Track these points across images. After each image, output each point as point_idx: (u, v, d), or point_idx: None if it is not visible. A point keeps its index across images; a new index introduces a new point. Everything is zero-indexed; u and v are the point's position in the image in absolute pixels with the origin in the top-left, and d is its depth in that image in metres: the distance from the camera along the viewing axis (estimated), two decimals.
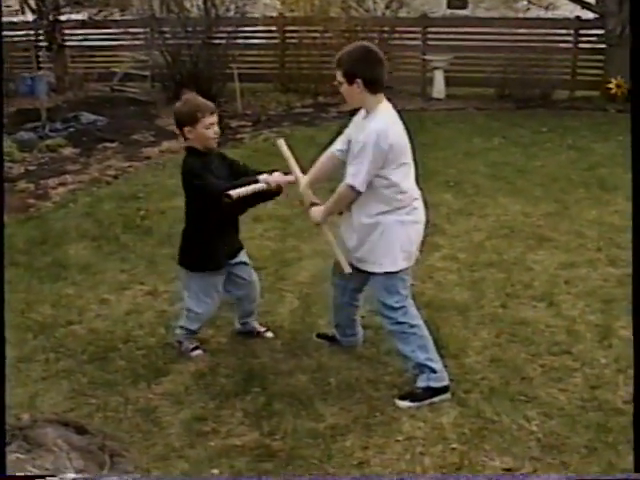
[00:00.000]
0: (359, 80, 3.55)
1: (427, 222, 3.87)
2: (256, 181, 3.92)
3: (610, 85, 12.06)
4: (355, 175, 3.57)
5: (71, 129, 10.35)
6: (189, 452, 3.34)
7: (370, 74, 3.57)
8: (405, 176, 3.67)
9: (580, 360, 4.10)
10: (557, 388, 3.83)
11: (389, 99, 3.69)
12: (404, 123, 3.69)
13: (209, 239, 4.03)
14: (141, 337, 4.41)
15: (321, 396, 3.75)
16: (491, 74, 12.74)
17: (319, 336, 4.36)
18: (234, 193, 3.78)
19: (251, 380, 3.89)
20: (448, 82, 13.06)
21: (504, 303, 4.82)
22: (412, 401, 3.70)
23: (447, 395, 3.73)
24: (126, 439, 3.39)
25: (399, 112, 3.68)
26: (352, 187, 3.58)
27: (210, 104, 3.97)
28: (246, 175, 4.04)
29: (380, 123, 3.57)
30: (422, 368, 3.73)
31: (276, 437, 3.43)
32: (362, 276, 3.86)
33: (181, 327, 4.22)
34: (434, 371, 3.73)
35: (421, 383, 3.74)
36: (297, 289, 5.05)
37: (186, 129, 3.92)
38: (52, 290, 5.09)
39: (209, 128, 3.92)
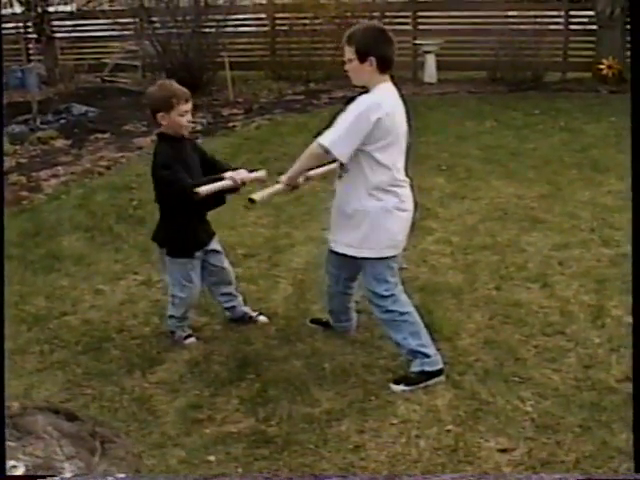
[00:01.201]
0: (372, 58, 3.56)
1: (420, 206, 3.88)
2: (222, 179, 3.90)
3: (601, 66, 12.05)
4: (328, 135, 3.54)
5: (62, 121, 10.33)
6: (185, 440, 3.34)
7: (383, 53, 3.59)
8: (393, 160, 3.64)
9: (574, 340, 4.11)
10: (551, 368, 3.84)
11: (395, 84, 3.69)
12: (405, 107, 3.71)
13: (181, 227, 4.02)
14: (135, 327, 4.42)
15: (316, 381, 3.76)
16: (482, 57, 12.74)
17: (313, 321, 4.36)
18: (202, 190, 3.76)
19: (246, 367, 3.90)
20: (439, 66, 13.04)
21: (498, 285, 4.82)
22: (407, 385, 3.70)
23: (441, 378, 3.74)
24: (122, 428, 3.40)
25: (402, 96, 3.69)
26: (321, 145, 3.53)
27: (186, 91, 3.91)
28: (215, 167, 4.07)
29: (375, 96, 3.57)
30: (415, 354, 3.73)
31: (272, 423, 3.44)
32: (355, 265, 3.86)
33: (170, 316, 4.23)
34: (427, 356, 3.73)
35: (415, 368, 3.74)
36: (291, 275, 5.05)
37: (159, 115, 3.87)
38: (46, 282, 5.08)
39: (183, 115, 3.88)
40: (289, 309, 4.57)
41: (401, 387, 3.69)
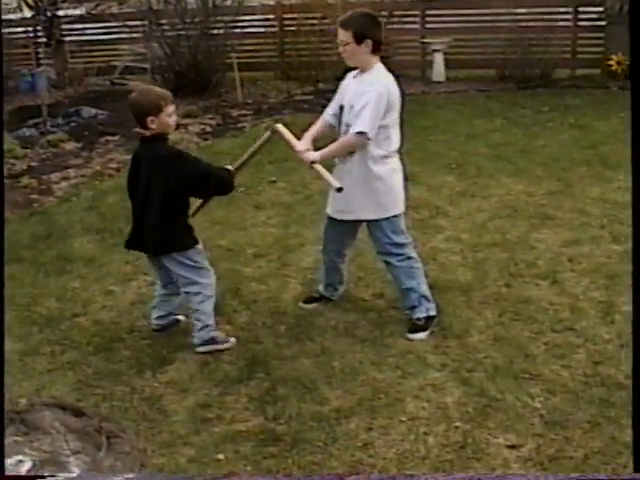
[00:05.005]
0: (368, 41, 3.94)
1: (429, 204, 3.96)
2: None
3: (610, 62, 12.00)
4: (363, 124, 3.91)
5: (72, 124, 10.36)
6: (194, 439, 3.37)
7: (377, 36, 3.99)
8: (390, 132, 4.06)
9: (583, 336, 4.11)
10: (560, 365, 3.84)
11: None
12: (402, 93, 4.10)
13: (185, 221, 4.12)
14: (146, 327, 4.43)
15: (325, 380, 3.77)
16: (491, 55, 12.69)
17: (306, 302, 4.59)
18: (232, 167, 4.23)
19: (255, 366, 3.92)
20: (448, 65, 12.99)
21: (508, 282, 4.82)
22: (423, 331, 4.14)
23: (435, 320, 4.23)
24: (132, 427, 3.41)
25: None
26: (361, 133, 3.92)
27: (169, 93, 4.07)
28: None
29: (384, 79, 4.02)
30: (421, 299, 4.20)
31: (280, 421, 3.46)
32: (354, 232, 4.37)
33: (203, 328, 4.11)
34: (430, 301, 4.23)
35: (421, 314, 4.19)
36: (300, 275, 5.07)
37: (149, 119, 3.96)
38: (57, 284, 5.11)
39: (171, 116, 4.01)
40: (299, 308, 4.58)
41: (421, 335, 4.13)
